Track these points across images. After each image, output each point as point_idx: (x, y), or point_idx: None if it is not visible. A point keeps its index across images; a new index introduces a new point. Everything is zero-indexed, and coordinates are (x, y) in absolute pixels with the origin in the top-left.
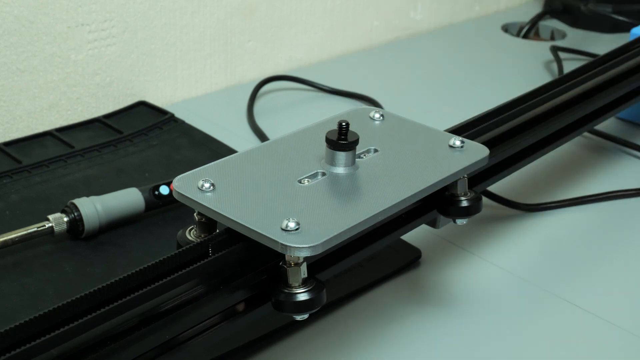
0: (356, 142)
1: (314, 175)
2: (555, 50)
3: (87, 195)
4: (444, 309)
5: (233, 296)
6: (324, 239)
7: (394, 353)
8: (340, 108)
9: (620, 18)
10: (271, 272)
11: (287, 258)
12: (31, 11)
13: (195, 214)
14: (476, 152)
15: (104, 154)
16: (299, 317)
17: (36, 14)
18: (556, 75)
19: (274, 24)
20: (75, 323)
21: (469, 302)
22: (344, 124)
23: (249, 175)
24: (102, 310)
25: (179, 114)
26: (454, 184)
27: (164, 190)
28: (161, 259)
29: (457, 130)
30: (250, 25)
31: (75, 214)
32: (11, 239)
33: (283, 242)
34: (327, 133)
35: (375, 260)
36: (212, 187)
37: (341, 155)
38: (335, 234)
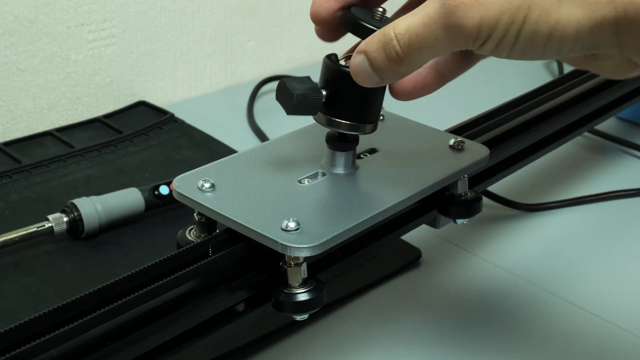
0: (356, 142)
1: (314, 175)
2: None
3: (87, 195)
4: (444, 309)
5: (233, 296)
6: (324, 239)
7: (394, 353)
8: None
9: None
10: (271, 272)
11: (287, 258)
12: (31, 11)
13: (195, 214)
14: (476, 152)
15: (104, 154)
16: (299, 317)
17: (36, 14)
18: (556, 75)
19: (274, 24)
20: (75, 323)
21: (469, 302)
22: None
23: (249, 175)
24: (102, 310)
25: (179, 114)
26: (454, 184)
27: (164, 190)
28: (161, 259)
29: (457, 130)
30: (250, 25)
31: (75, 214)
32: (11, 239)
33: (283, 242)
34: (327, 133)
35: (375, 260)
36: (212, 187)
37: (341, 156)
38: (335, 234)
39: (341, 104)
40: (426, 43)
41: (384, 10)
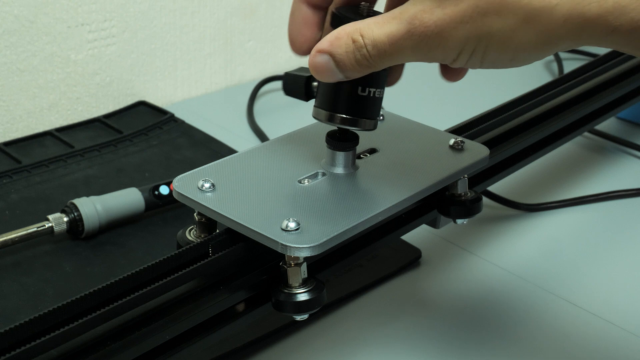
0: (356, 142)
1: (314, 175)
2: None
3: (87, 195)
4: (444, 309)
5: (233, 296)
6: (324, 239)
7: (394, 353)
8: None
9: None
10: (271, 272)
11: (287, 258)
12: (31, 11)
13: (195, 214)
14: (476, 152)
15: (104, 153)
16: (299, 318)
17: (36, 13)
18: (556, 75)
19: (274, 23)
20: (75, 323)
21: (469, 302)
22: None
23: (249, 175)
24: (102, 310)
25: (179, 114)
26: (454, 184)
27: (164, 190)
28: (161, 259)
29: (457, 130)
30: (250, 25)
31: (75, 214)
32: (11, 239)
33: (283, 242)
34: (327, 133)
35: (375, 260)
36: (212, 187)
37: (341, 155)
38: (335, 234)
39: (338, 98)
40: (396, 56)
41: (369, 5)
